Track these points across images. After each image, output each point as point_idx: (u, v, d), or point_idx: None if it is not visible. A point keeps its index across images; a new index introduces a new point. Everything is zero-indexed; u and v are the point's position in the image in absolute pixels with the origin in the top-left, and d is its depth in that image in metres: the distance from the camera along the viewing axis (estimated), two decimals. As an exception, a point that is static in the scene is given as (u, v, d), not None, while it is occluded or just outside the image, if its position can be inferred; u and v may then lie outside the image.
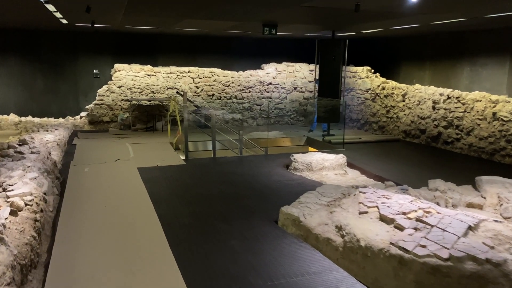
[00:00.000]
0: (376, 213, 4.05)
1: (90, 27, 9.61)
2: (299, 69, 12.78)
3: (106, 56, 11.76)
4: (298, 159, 7.01)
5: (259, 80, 12.40)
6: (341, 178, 6.74)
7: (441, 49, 10.98)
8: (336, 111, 10.65)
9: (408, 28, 9.69)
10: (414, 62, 12.07)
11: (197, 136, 9.96)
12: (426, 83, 11.47)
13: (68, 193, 5.62)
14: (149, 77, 11.43)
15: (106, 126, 11.22)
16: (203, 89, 11.93)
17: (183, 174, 6.70)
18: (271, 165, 7.44)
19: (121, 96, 11.24)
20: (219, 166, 7.29)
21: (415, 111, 10.10)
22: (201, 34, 11.74)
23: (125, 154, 8.05)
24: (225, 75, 12.09)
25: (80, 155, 7.96)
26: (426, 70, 11.63)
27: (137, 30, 10.75)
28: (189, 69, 11.78)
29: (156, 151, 8.43)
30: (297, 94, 12.84)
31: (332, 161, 6.97)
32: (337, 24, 9.01)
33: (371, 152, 8.81)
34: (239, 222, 4.65)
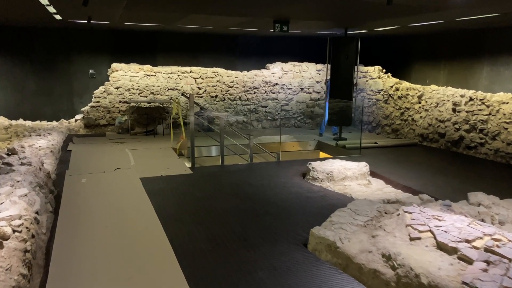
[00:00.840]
0: (431, 239, 3.43)
1: (86, 24, 8.92)
2: (306, 69, 12.16)
3: (102, 55, 11.06)
4: (317, 167, 6.38)
5: (265, 81, 11.76)
6: (366, 189, 6.12)
7: (458, 47, 10.40)
8: (348, 114, 10.04)
9: (423, 26, 9.10)
10: (427, 62, 11.49)
11: (201, 141, 9.30)
12: (441, 83, 10.90)
13: (63, 209, 4.95)
14: (149, 77, 10.76)
15: (103, 130, 10.53)
16: (205, 90, 11.27)
17: (191, 185, 6.05)
18: (286, 173, 6.80)
19: (118, 97, 10.56)
20: (230, 176, 6.65)
21: (433, 113, 9.51)
22: (203, 31, 11.08)
23: (125, 162, 7.38)
24: (229, 75, 11.44)
25: (76, 163, 7.27)
26: (441, 70, 11.06)
27: (136, 27, 10.06)
28: (191, 68, 11.12)
29: (159, 158, 7.76)
30: (304, 95, 12.22)
31: (355, 170, 6.36)
32: (352, 20, 8.40)
33: (389, 158, 8.20)
34: (264, 247, 4.01)
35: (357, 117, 11.62)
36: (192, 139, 7.08)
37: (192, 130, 7.04)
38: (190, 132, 7.07)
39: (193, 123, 7.05)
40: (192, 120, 7.02)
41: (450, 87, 9.59)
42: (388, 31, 10.20)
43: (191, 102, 6.99)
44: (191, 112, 6.99)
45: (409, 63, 12.10)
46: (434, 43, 11.16)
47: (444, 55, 10.90)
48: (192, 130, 7.04)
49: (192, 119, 7.01)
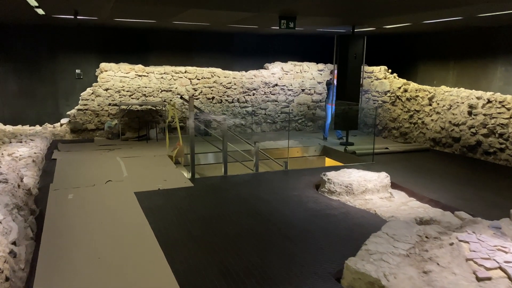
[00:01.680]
0: (505, 279, 2.80)
1: (72, 20, 8.14)
2: (307, 69, 11.51)
3: (90, 54, 10.25)
4: (334, 179, 5.73)
5: (264, 81, 11.08)
6: (389, 204, 5.48)
7: (469, 46, 9.87)
8: (354, 117, 9.42)
9: (431, 24, 8.53)
10: (435, 62, 10.95)
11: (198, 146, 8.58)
12: (450, 84, 10.36)
13: (47, 235, 4.21)
14: (140, 78, 9.99)
15: (91, 135, 9.74)
16: (201, 91, 10.54)
17: (194, 201, 5.34)
18: (298, 185, 6.13)
19: (108, 100, 9.77)
20: (235, 188, 5.95)
21: (446, 116, 8.94)
22: (199, 29, 10.36)
23: (117, 173, 6.63)
24: (226, 75, 10.73)
25: (62, 174, 6.50)
26: (450, 70, 10.52)
27: (126, 24, 9.30)
28: (186, 69, 10.38)
29: (154, 168, 7.03)
30: (305, 97, 11.57)
31: (376, 182, 5.72)
32: (362, 17, 7.77)
33: (404, 165, 7.59)
34: (290, 284, 3.33)
35: (361, 119, 11.01)
36: (192, 146, 6.37)
37: (192, 136, 6.33)
38: (190, 139, 6.35)
39: (193, 129, 6.33)
40: (192, 126, 6.31)
41: (463, 89, 9.04)
42: (395, 29, 9.61)
43: (190, 106, 6.27)
44: (190, 117, 6.27)
45: (415, 63, 11.55)
46: (442, 42, 10.62)
47: (453, 54, 10.36)
48: (192, 137, 6.33)
49: (192, 125, 6.29)
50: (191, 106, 6.26)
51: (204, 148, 8.40)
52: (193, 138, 6.32)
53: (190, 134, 6.34)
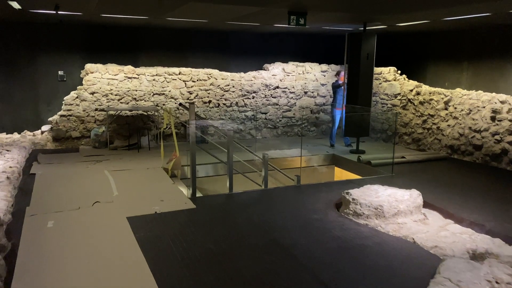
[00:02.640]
0: None
1: (54, 15, 7.21)
2: (309, 70, 10.74)
3: (74, 54, 9.30)
4: (360, 199, 4.94)
5: (264, 84, 10.27)
6: (426, 228, 4.72)
7: (485, 45, 9.19)
8: (366, 123, 8.67)
9: (448, 21, 7.83)
10: (446, 62, 10.25)
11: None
12: (464, 86, 9.67)
13: (18, 280, 3.33)
14: (130, 80, 9.09)
15: (76, 144, 8.80)
16: (197, 94, 9.68)
17: (198, 230, 4.50)
18: (316, 205, 5.34)
19: (94, 104, 8.85)
20: (245, 211, 5.12)
21: (465, 121, 8.25)
22: (194, 27, 9.50)
23: (106, 191, 5.75)
24: (224, 77, 9.89)
25: (41, 194, 5.59)
26: (464, 71, 9.83)
27: (115, 20, 8.39)
28: (180, 70, 9.51)
29: (149, 184, 6.17)
30: (308, 100, 10.79)
31: (408, 203, 4.95)
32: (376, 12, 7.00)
33: (426, 177, 6.86)
34: None
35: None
36: (192, 161, 5.51)
37: (193, 150, 5.48)
38: (190, 153, 5.49)
39: (194, 141, 5.48)
40: (194, 139, 5.45)
41: (482, 92, 8.36)
42: (406, 27, 8.88)
43: (191, 114, 5.42)
44: (191, 128, 5.42)
45: (424, 63, 10.84)
46: (454, 41, 9.93)
47: (467, 54, 9.67)
48: (193, 150, 5.47)
49: (193, 137, 5.44)
50: (192, 115, 5.41)
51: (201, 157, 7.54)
52: (194, 152, 5.47)
53: (191, 147, 5.49)
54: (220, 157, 6.56)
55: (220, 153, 6.77)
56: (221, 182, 7.63)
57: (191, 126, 5.41)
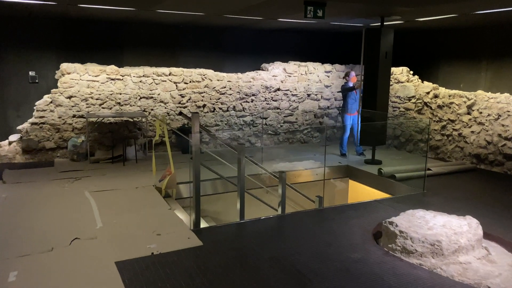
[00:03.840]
0: None
1: (22, 5, 6.01)
2: (313, 70, 9.75)
3: (48, 52, 8.06)
4: (410, 232, 3.96)
5: (264, 85, 9.23)
6: (495, 269, 3.77)
7: (508, 43, 8.37)
8: (382, 130, 7.74)
9: (468, 17, 7.01)
10: (461, 62, 9.42)
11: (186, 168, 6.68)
12: (482, 88, 8.85)
13: None
14: (114, 82, 7.92)
15: (50, 156, 7.58)
16: (190, 98, 8.58)
17: (211, 280, 3.43)
18: (350, 237, 4.33)
19: (72, 110, 7.66)
20: (264, 247, 4.06)
21: (494, 128, 7.39)
22: (185, 22, 8.40)
23: (87, 222, 4.61)
24: (220, 78, 8.81)
25: (3, 229, 4.42)
26: (482, 72, 9.01)
27: (95, 13, 7.22)
28: (171, 70, 8.38)
29: (140, 210, 5.06)
30: (311, 103, 9.81)
31: (469, 235, 3.99)
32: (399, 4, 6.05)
33: (463, 194, 5.96)
34: None
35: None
36: (197, 185, 4.42)
37: (197, 170, 4.39)
38: (194, 176, 4.40)
39: (199, 159, 4.39)
40: (198, 154, 4.37)
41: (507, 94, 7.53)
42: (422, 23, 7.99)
43: (194, 127, 4.33)
44: (194, 143, 4.33)
45: (436, 62, 9.99)
46: (471, 39, 9.09)
47: (487, 53, 8.85)
48: (198, 171, 4.39)
49: (197, 152, 4.36)
50: (195, 126, 4.32)
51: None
52: (198, 173, 4.38)
53: (193, 167, 4.40)
54: (217, 170, 5.48)
55: (216, 166, 5.72)
56: (222, 201, 6.58)
57: (194, 140, 4.32)
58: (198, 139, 4.34)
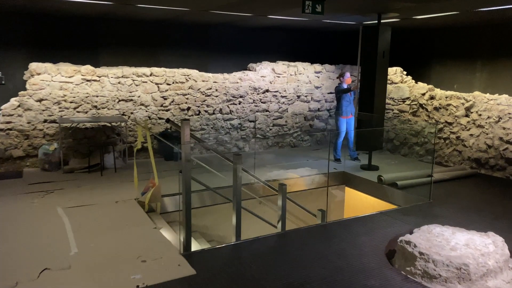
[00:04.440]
0: None
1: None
2: (302, 71, 9.28)
3: (14, 51, 7.32)
4: (432, 253, 3.51)
5: (253, 86, 8.71)
6: (530, 295, 3.35)
7: (506, 43, 8.10)
8: (379, 134, 7.33)
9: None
10: (455, 62, 9.13)
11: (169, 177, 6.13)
12: (477, 89, 8.57)
13: None
14: (89, 83, 7.24)
15: (19, 166, 6.86)
16: (173, 100, 7.97)
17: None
18: (362, 259, 3.85)
19: (43, 115, 6.95)
20: (267, 274, 3.54)
21: (494, 131, 7.08)
22: (165, 19, 7.79)
23: (60, 247, 3.99)
24: (205, 79, 8.23)
25: (-42, 257, 3.76)
26: (477, 72, 8.73)
27: (67, 7, 6.55)
28: (152, 70, 7.76)
29: (121, 229, 4.45)
30: (301, 105, 9.33)
31: (496, 256, 3.57)
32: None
33: (472, 203, 5.57)
34: None
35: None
36: (187, 202, 3.86)
37: (187, 186, 3.82)
38: (185, 192, 3.83)
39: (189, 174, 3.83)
40: (189, 170, 3.81)
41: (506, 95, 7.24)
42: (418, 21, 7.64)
43: (185, 135, 3.77)
44: (185, 156, 3.77)
45: (428, 62, 9.68)
46: (466, 39, 8.80)
47: (482, 53, 8.57)
48: (188, 186, 3.82)
49: (187, 168, 3.79)
50: (186, 136, 3.75)
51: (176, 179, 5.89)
52: (188, 188, 3.82)
53: (183, 182, 3.83)
54: (204, 178, 4.93)
55: (203, 173, 5.19)
56: (211, 214, 6.03)
57: (185, 151, 3.76)
58: (189, 150, 3.77)
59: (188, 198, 3.84)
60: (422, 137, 8.26)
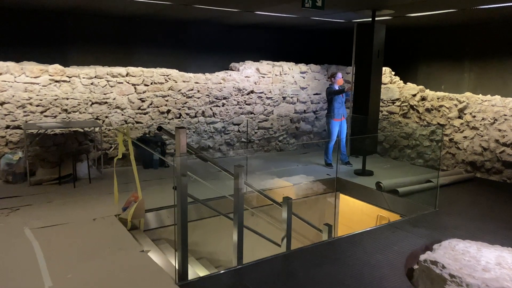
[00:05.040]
0: None
1: None
2: (287, 71, 8.84)
3: (-29, 48, 6.53)
4: (465, 276, 3.13)
5: (237, 87, 8.19)
6: None
7: (495, 42, 7.95)
8: (374, 138, 6.98)
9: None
10: (442, 62, 8.95)
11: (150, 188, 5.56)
12: (466, 89, 8.42)
13: None
14: (58, 84, 6.52)
15: (-22, 178, 6.07)
16: (152, 102, 7.35)
17: None
18: (381, 281, 3.43)
19: (5, 120, 6.18)
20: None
21: (490, 133, 6.88)
22: (141, 14, 7.16)
23: (29, 281, 3.35)
24: (186, 79, 7.65)
25: None
26: (465, 72, 8.57)
27: (31, 1, 5.82)
28: (128, 70, 7.11)
29: (102, 256, 3.84)
30: (286, 107, 8.89)
31: (533, 276, 3.22)
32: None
33: (482, 211, 5.29)
34: None
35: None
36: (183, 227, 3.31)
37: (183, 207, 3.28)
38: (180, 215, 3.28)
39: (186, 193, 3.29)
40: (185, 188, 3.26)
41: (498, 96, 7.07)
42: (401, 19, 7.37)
43: (180, 147, 3.22)
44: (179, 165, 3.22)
45: (414, 62, 9.48)
46: (453, 38, 8.63)
47: (470, 52, 8.41)
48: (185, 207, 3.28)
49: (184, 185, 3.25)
50: (182, 147, 3.21)
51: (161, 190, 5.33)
52: (185, 209, 3.27)
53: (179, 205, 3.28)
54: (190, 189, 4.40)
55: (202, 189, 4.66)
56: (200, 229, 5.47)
57: (179, 165, 3.21)
58: (186, 164, 3.23)
59: (184, 220, 3.30)
60: (413, 140, 7.99)
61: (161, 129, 3.48)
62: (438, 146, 7.32)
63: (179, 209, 3.28)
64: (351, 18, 7.24)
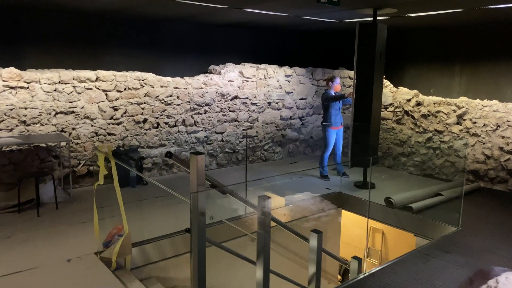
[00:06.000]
0: None
1: None
2: (272, 74, 8.17)
3: None
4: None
5: (220, 92, 7.42)
6: None
7: (488, 45, 7.68)
8: (374, 147, 6.46)
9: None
10: (431, 65, 8.61)
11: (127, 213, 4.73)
12: (457, 93, 8.12)
13: None
14: (14, 91, 5.49)
15: None
16: (126, 111, 6.43)
17: None
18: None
19: None
20: None
21: (493, 140, 6.54)
22: (110, 10, 6.25)
23: None
24: (164, 84, 6.79)
25: None
26: (455, 76, 8.26)
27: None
28: (98, 74, 6.16)
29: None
30: (272, 113, 8.23)
31: None
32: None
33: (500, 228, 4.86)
34: None
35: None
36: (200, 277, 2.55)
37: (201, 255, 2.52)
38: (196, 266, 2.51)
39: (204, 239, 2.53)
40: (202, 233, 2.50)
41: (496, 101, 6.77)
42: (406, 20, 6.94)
43: (198, 178, 2.46)
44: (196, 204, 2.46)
45: (401, 65, 9.09)
46: (443, 40, 8.30)
47: (461, 55, 8.11)
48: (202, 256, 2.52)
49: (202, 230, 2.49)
50: (200, 178, 2.44)
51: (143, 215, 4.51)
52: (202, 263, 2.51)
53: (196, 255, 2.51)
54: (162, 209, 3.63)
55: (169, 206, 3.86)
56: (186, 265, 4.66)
57: (197, 205, 2.44)
58: (204, 201, 2.46)
59: (202, 272, 2.52)
60: (408, 147, 7.57)
61: (171, 154, 2.66)
62: (461, 158, 6.82)
63: (195, 259, 2.51)
64: (348, 17, 6.68)
